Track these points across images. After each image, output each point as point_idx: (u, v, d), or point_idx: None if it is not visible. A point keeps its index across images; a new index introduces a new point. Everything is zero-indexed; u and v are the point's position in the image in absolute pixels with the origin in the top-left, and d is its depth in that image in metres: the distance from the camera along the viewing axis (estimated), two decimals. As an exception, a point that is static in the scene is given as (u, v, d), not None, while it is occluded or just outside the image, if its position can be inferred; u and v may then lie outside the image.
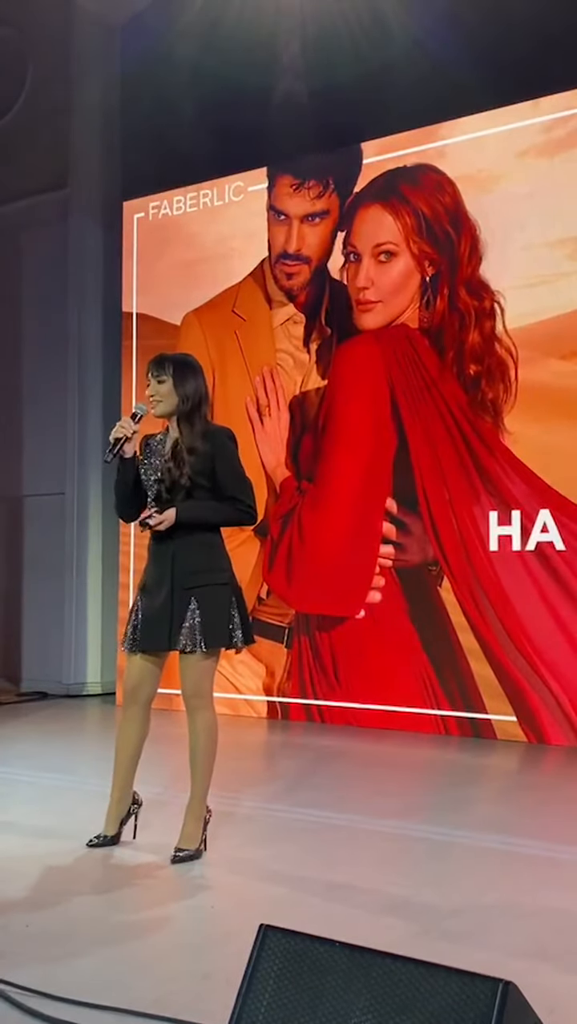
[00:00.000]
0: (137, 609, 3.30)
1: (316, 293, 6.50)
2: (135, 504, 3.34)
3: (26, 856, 3.30)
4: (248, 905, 2.83)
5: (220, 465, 3.22)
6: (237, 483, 3.25)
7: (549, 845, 3.56)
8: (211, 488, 3.23)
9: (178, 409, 3.24)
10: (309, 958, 1.64)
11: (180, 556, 3.19)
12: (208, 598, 3.17)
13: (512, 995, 1.49)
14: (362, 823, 3.83)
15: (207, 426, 3.28)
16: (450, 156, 6.07)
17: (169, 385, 3.23)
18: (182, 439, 3.23)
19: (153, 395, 3.25)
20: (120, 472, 3.29)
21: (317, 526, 6.32)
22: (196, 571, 3.19)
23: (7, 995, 2.16)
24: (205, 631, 3.15)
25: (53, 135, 7.86)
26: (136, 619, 3.28)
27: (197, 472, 3.19)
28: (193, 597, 3.16)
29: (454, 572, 5.81)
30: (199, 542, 3.22)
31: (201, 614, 3.15)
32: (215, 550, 3.27)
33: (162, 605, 3.19)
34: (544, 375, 5.64)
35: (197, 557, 3.20)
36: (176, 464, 3.21)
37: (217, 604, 3.19)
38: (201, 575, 3.19)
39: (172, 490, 3.22)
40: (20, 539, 8.00)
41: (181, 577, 3.18)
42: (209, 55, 6.98)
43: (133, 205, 7.48)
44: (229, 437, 3.32)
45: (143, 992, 2.19)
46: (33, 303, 7.99)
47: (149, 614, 3.23)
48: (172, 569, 3.19)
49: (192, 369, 3.28)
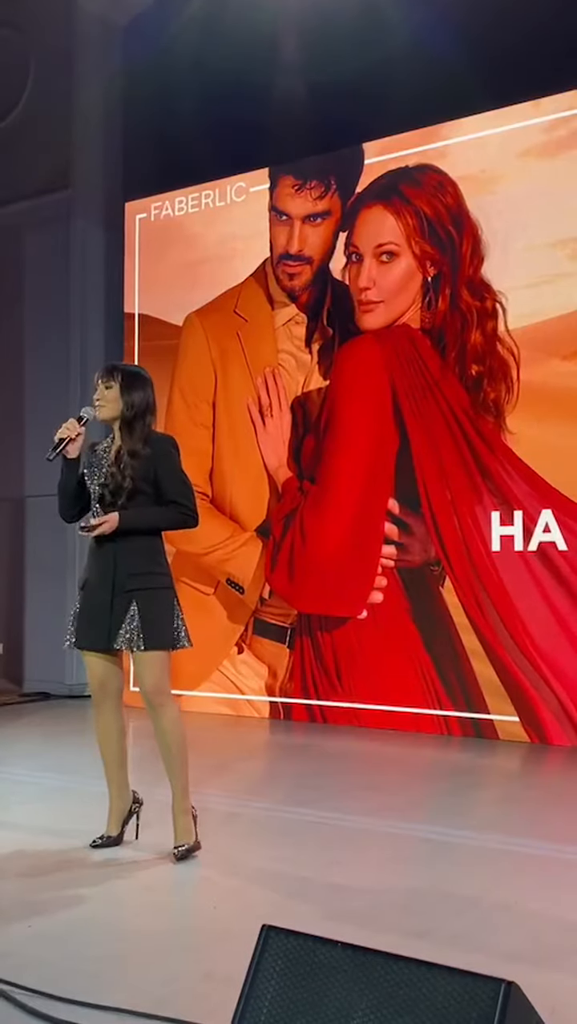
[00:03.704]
0: (76, 607, 3.38)
1: (318, 294, 6.50)
2: (77, 506, 3.43)
3: (28, 856, 3.31)
4: (250, 905, 2.83)
5: (162, 470, 3.31)
6: (179, 487, 3.34)
7: (551, 845, 3.56)
8: (152, 493, 3.32)
9: (122, 415, 3.33)
10: (311, 959, 1.64)
11: (121, 559, 3.27)
12: (149, 600, 3.25)
13: (514, 995, 1.49)
14: (364, 823, 3.83)
15: (150, 433, 3.36)
16: (452, 156, 6.07)
17: (116, 391, 3.32)
18: (124, 444, 3.32)
19: (99, 399, 3.34)
20: (63, 473, 3.38)
21: (319, 526, 6.32)
22: (137, 574, 3.26)
23: (10, 995, 2.17)
24: (146, 632, 3.22)
25: (55, 136, 7.86)
26: (76, 617, 3.36)
27: (139, 477, 3.28)
28: (134, 600, 3.23)
29: (456, 572, 5.81)
30: (140, 546, 3.29)
31: (142, 616, 3.22)
32: (156, 554, 3.35)
33: (101, 605, 3.27)
34: (546, 375, 5.64)
35: (138, 560, 3.28)
36: (119, 468, 3.29)
37: (160, 606, 3.28)
38: (142, 578, 3.27)
39: (115, 493, 3.30)
40: (22, 539, 8.00)
41: (122, 580, 3.26)
42: (211, 55, 6.99)
43: (135, 206, 7.49)
44: (172, 445, 3.42)
45: (145, 992, 2.19)
46: (35, 303, 7.99)
47: (89, 613, 3.31)
48: (114, 571, 3.27)
49: (141, 380, 3.38)
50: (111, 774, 3.39)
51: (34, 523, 7.88)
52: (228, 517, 6.69)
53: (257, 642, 6.56)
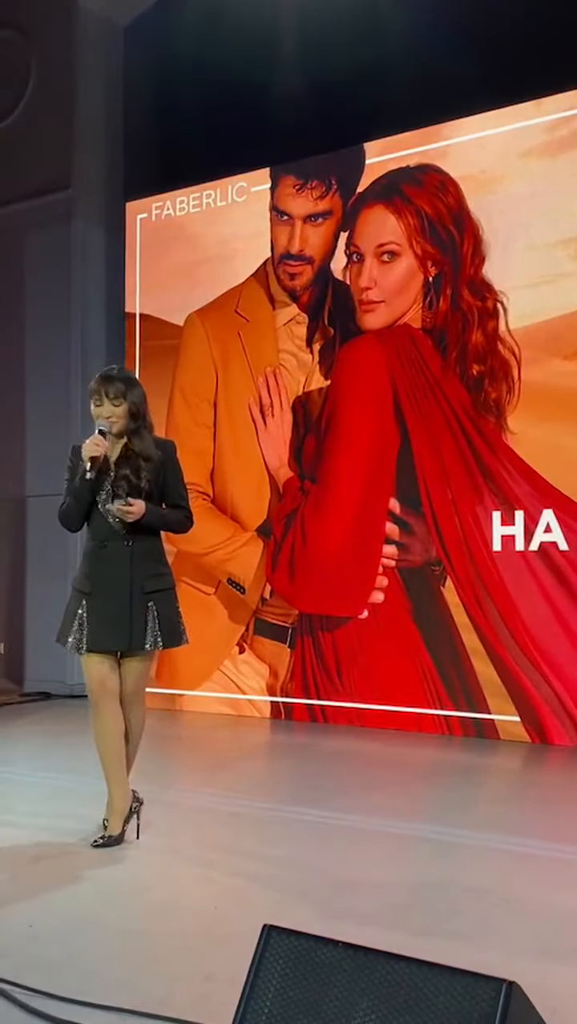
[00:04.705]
0: (83, 611, 3.39)
1: (319, 293, 6.50)
2: (85, 514, 3.48)
3: (29, 856, 3.31)
4: (251, 905, 2.83)
5: (169, 474, 3.49)
6: (184, 491, 3.55)
7: (552, 845, 3.56)
8: (156, 495, 3.46)
9: (129, 426, 3.42)
10: (312, 959, 1.64)
11: (136, 562, 3.39)
12: (164, 602, 3.42)
13: (516, 995, 1.49)
14: (365, 823, 3.83)
15: (155, 437, 3.51)
16: (453, 156, 6.07)
17: (125, 407, 3.40)
18: (136, 448, 3.41)
19: (110, 417, 3.39)
20: (81, 485, 3.40)
21: (320, 526, 6.32)
22: (154, 575, 3.41)
23: (11, 996, 2.17)
24: (164, 632, 3.39)
25: (56, 136, 7.87)
26: (85, 620, 3.39)
27: (152, 479, 3.42)
28: (152, 601, 3.38)
29: (457, 572, 5.81)
30: (151, 548, 3.44)
31: (160, 616, 3.38)
32: (163, 555, 3.52)
33: (120, 607, 3.36)
34: (547, 375, 5.64)
35: (151, 563, 3.43)
36: (133, 472, 3.40)
37: (173, 606, 3.46)
38: (157, 579, 3.43)
39: (132, 495, 3.39)
40: (23, 540, 8.00)
41: (140, 581, 3.38)
42: (212, 55, 6.99)
43: (136, 206, 7.49)
44: (175, 449, 3.59)
45: (147, 993, 2.20)
46: (36, 304, 8.00)
47: (106, 616, 3.37)
48: (131, 573, 3.37)
49: (135, 383, 3.47)
50: (112, 773, 3.41)
51: (35, 523, 7.88)
52: (229, 517, 6.69)
53: (258, 642, 6.56)
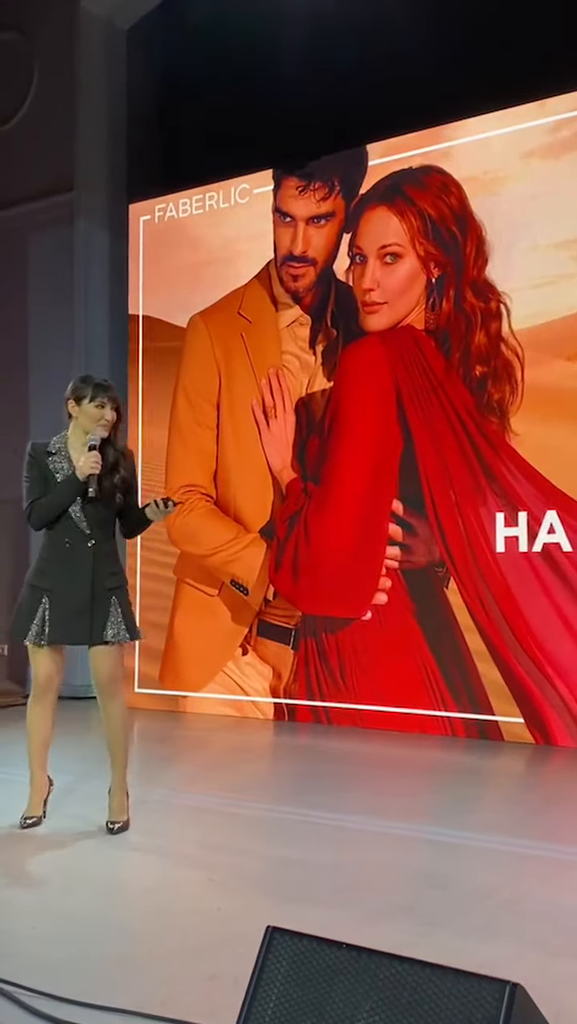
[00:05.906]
0: (45, 606, 3.57)
1: (322, 295, 6.50)
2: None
3: (30, 857, 3.31)
4: (254, 907, 2.83)
5: (131, 480, 3.71)
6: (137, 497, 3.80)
7: (556, 846, 3.55)
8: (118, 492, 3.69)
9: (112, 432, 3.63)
10: (316, 960, 1.63)
11: (99, 561, 3.60)
12: (123, 597, 3.66)
13: (520, 997, 1.48)
14: (368, 825, 3.82)
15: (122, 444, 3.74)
16: (456, 157, 6.07)
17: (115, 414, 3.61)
18: (111, 453, 3.59)
19: (104, 423, 3.57)
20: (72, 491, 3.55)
21: (323, 528, 6.31)
22: (113, 573, 3.64)
23: (13, 996, 2.16)
24: (127, 625, 3.62)
25: (59, 138, 7.88)
26: (46, 614, 3.57)
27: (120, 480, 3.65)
28: (114, 596, 3.61)
29: (460, 573, 5.80)
30: (110, 549, 3.67)
31: (122, 611, 3.62)
32: (118, 555, 3.76)
33: (82, 602, 3.56)
34: (550, 376, 5.64)
35: (111, 561, 3.65)
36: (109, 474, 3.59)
37: (128, 603, 3.69)
38: (116, 577, 3.66)
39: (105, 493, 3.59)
40: (25, 540, 8.00)
41: (102, 578, 3.59)
42: (214, 57, 6.99)
43: (139, 208, 7.50)
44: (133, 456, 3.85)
45: (149, 994, 2.19)
46: (39, 306, 8.01)
47: (68, 610, 3.56)
48: (93, 571, 3.58)
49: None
50: (39, 760, 3.68)
51: (38, 524, 7.88)
52: (232, 518, 6.69)
53: (261, 643, 6.55)
